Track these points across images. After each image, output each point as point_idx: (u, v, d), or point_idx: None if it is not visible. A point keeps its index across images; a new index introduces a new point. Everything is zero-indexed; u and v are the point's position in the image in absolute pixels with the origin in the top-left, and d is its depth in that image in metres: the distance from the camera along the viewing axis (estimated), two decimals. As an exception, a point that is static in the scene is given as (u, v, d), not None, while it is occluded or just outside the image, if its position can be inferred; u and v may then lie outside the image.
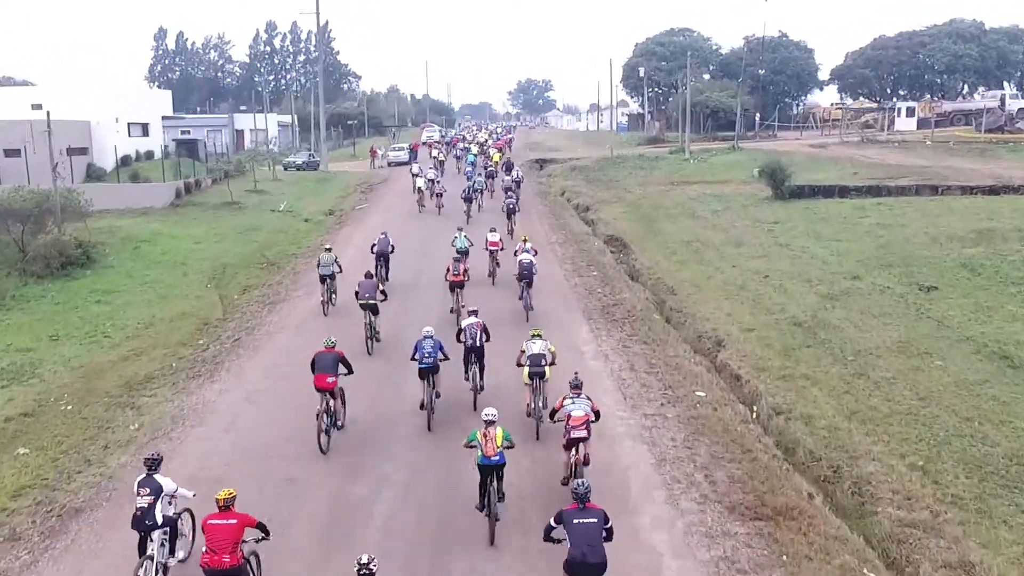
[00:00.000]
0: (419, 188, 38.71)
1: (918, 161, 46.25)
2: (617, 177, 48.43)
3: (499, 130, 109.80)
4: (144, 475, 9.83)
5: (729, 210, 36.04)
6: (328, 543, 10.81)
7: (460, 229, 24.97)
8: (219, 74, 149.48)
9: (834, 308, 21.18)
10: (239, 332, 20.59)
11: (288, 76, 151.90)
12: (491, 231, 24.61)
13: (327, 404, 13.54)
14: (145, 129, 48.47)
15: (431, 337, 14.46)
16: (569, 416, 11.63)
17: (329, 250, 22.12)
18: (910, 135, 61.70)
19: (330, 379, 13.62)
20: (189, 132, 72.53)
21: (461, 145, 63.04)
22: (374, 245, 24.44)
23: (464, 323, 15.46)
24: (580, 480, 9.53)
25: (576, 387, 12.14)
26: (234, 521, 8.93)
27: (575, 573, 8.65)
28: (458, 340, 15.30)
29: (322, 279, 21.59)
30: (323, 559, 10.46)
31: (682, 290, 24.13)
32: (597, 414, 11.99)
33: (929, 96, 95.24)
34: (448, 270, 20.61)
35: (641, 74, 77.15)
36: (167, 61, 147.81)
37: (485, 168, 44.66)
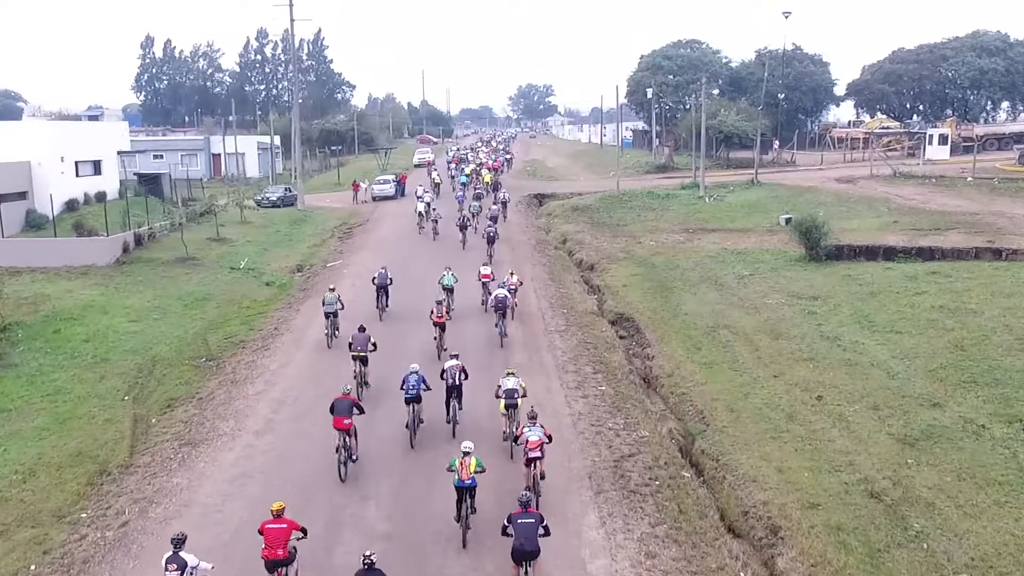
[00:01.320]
0: (419, 212, 41.25)
1: (963, 204, 41.20)
2: (624, 220, 43.37)
3: (500, 147, 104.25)
4: (171, 552, 11.26)
5: (757, 274, 30.98)
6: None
7: (448, 268, 26.98)
8: (208, 83, 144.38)
9: (919, 466, 16.12)
10: (135, 502, 15.53)
11: (280, 85, 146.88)
12: (483, 265, 28.23)
13: (344, 441, 15.95)
14: (97, 167, 43.38)
15: (416, 372, 17.32)
16: (527, 441, 14.65)
17: (332, 290, 24.55)
18: (943, 164, 56.66)
19: (347, 421, 15.98)
20: (162, 156, 67.74)
21: (459, 166, 63.55)
22: (375, 278, 26.95)
23: (446, 365, 17.86)
24: (525, 492, 12.89)
25: (532, 418, 15.18)
26: (284, 525, 11.91)
27: (516, 558, 11.89)
28: (441, 378, 17.71)
29: (326, 315, 24.04)
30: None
31: (714, 416, 19.08)
32: (550, 438, 15.06)
33: (951, 112, 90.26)
34: (432, 312, 22.65)
35: (648, 95, 72.02)
36: (154, 70, 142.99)
37: (475, 189, 48.59)
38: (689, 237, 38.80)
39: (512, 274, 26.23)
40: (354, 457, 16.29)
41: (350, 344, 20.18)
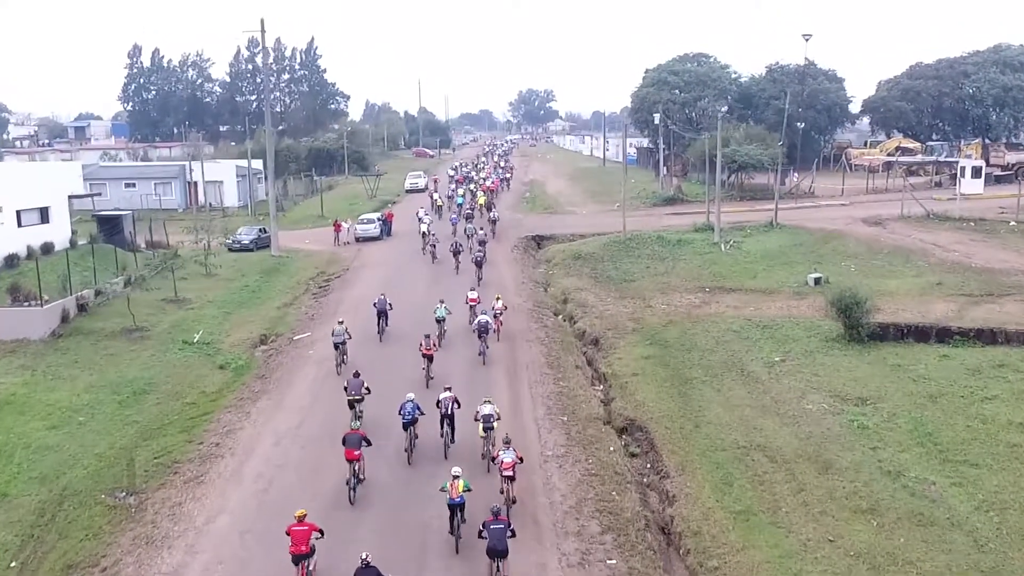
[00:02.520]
0: (423, 232, 44.70)
1: (1011, 259, 36.88)
2: (632, 272, 38.93)
3: (501, 163, 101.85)
4: None
5: (790, 360, 26.53)
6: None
7: (442, 301, 29.52)
8: (198, 93, 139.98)
9: None
10: None
11: (272, 96, 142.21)
12: (471, 289, 32.07)
13: (354, 469, 18.54)
14: (44, 214, 38.89)
15: (412, 400, 20.06)
16: (502, 462, 17.67)
17: (341, 323, 27.02)
18: (977, 199, 52.26)
19: (356, 452, 18.56)
20: (135, 184, 63.46)
21: (458, 188, 65.57)
22: (375, 303, 30.24)
23: (441, 396, 20.59)
24: (496, 505, 15.65)
25: (507, 442, 18.04)
26: (306, 527, 14.95)
27: (489, 555, 14.68)
28: (436, 407, 20.47)
29: (335, 345, 26.55)
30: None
31: (759, 614, 14.66)
32: (521, 459, 18.03)
33: (973, 131, 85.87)
34: (421, 344, 25.29)
35: (656, 118, 67.58)
36: (141, 80, 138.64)
37: (467, 210, 52.27)
38: (706, 299, 34.37)
39: (498, 299, 29.89)
40: (361, 478, 18.84)
41: (345, 388, 22.29)
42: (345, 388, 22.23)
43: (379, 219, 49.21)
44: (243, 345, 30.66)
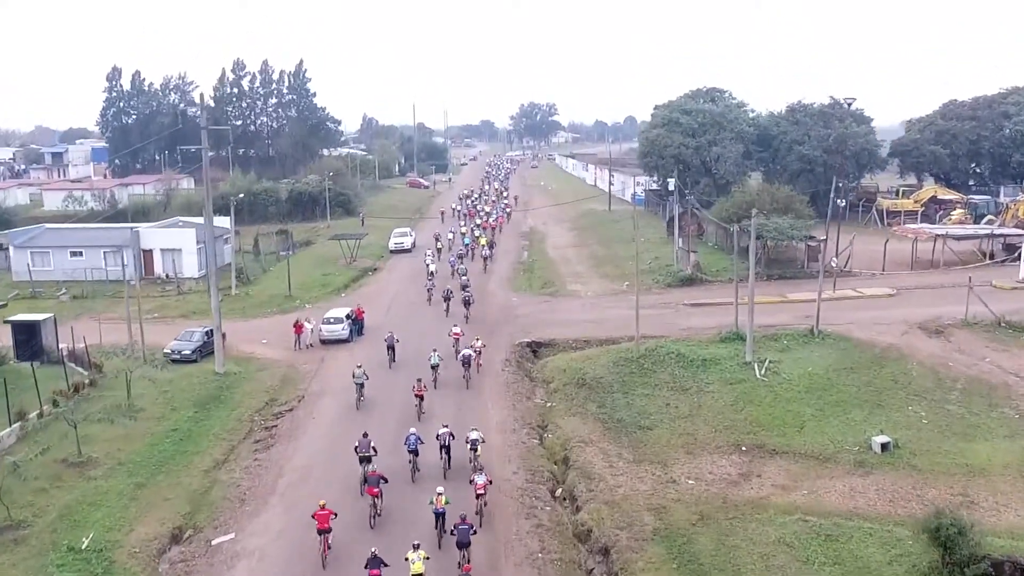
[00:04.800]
0: (430, 272, 53.15)
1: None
2: (649, 413, 31.71)
3: (504, 194, 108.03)
4: None
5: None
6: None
7: (435, 350, 35.61)
8: (180, 118, 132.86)
9: None
10: None
11: (259, 121, 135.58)
12: (454, 325, 40.12)
13: (374, 502, 24.13)
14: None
15: (414, 433, 26.79)
16: (476, 483, 24.11)
17: (360, 367, 33.28)
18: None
19: (375, 489, 24.09)
20: (81, 253, 56.42)
21: (466, 223, 75.05)
22: (385, 339, 37.62)
23: (440, 431, 27.09)
24: (463, 513, 22.12)
25: (480, 469, 25.60)
26: (327, 512, 21.97)
27: (458, 546, 21.22)
28: (436, 439, 26.99)
29: (357, 386, 32.95)
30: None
31: None
32: (491, 482, 24.60)
33: (1013, 177, 78.66)
34: (414, 387, 32.01)
35: (671, 187, 60.41)
36: (121, 104, 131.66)
37: (459, 250, 62.91)
38: (744, 467, 27.16)
39: (478, 339, 37.14)
40: (380, 513, 24.27)
41: (356, 448, 26.59)
42: (356, 448, 26.67)
43: (348, 317, 41.93)
44: (146, 552, 23.45)
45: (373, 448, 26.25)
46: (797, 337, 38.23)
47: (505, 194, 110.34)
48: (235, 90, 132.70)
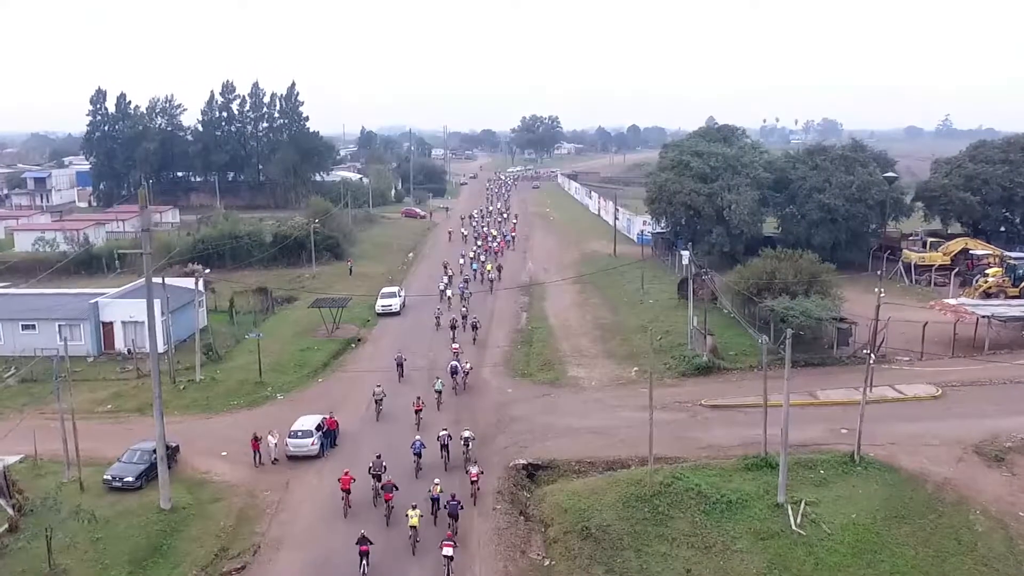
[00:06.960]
0: (448, 296, 63.47)
1: None
2: (667, 561, 26.57)
3: (513, 219, 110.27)
4: None
5: None
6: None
7: (438, 377, 42.99)
8: (168, 142, 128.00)
9: None
10: None
11: (248, 146, 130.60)
12: (453, 341, 49.75)
13: (388, 506, 30.05)
14: None
15: (418, 440, 34.31)
16: (470, 472, 31.67)
17: (379, 386, 40.88)
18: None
19: (390, 495, 30.17)
20: (34, 327, 51.33)
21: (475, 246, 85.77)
22: (395, 358, 46.36)
23: (440, 433, 34.83)
24: (453, 492, 29.91)
25: (474, 460, 33.21)
26: (349, 476, 31.08)
27: (449, 517, 29.19)
28: (436, 440, 34.61)
29: (376, 401, 40.36)
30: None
31: None
32: (482, 472, 32.06)
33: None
34: (413, 403, 39.27)
35: (686, 261, 55.06)
36: (106, 127, 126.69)
37: (464, 274, 72.85)
38: None
39: (467, 363, 45.62)
40: (392, 507, 30.39)
41: (369, 468, 32.11)
42: (369, 469, 32.07)
43: (318, 428, 36.73)
44: None
45: (384, 467, 32.11)
46: (836, 465, 33.00)
47: (506, 214, 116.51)
48: (224, 114, 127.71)
